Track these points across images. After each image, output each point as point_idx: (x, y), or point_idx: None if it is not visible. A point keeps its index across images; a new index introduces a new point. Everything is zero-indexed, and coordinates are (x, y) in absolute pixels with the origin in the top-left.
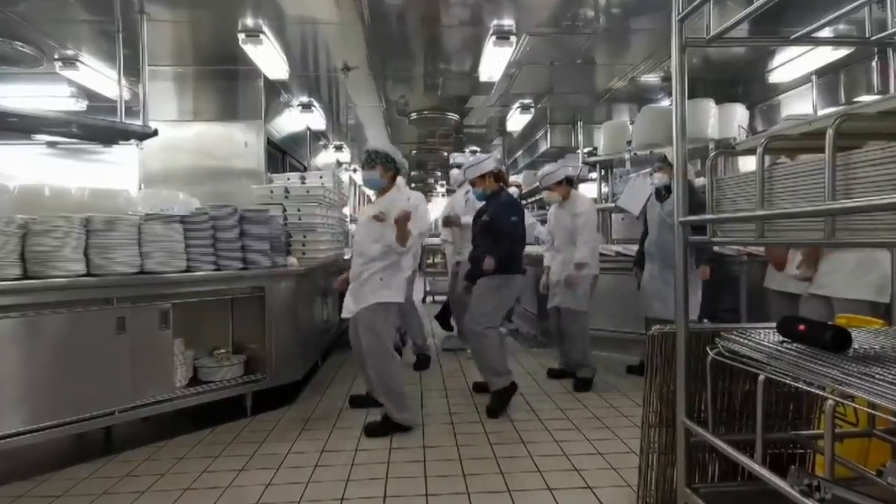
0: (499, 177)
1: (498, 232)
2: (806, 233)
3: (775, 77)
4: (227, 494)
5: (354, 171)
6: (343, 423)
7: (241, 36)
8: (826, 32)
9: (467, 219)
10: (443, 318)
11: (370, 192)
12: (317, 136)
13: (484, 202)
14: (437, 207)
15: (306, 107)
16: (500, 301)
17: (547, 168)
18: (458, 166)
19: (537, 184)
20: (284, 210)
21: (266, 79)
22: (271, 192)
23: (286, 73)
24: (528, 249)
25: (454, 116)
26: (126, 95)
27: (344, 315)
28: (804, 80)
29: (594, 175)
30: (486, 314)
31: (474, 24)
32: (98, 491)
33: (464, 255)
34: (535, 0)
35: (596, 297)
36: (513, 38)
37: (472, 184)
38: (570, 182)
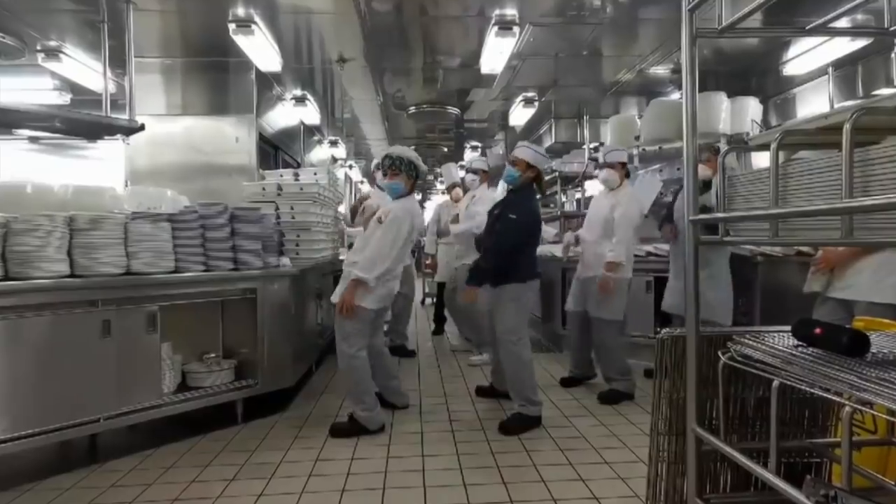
0: (538, 178)
1: (498, 231)
2: (822, 232)
3: (790, 69)
4: None
5: (350, 167)
6: None
7: (232, 26)
8: (843, 23)
9: (461, 228)
10: (438, 320)
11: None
12: (311, 130)
13: (508, 192)
14: (434, 206)
15: (300, 100)
16: (519, 309)
17: (607, 146)
18: (475, 171)
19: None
20: (277, 208)
21: (258, 71)
22: (263, 189)
23: (279, 65)
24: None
25: (454, 110)
26: (112, 88)
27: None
28: (820, 72)
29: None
30: (511, 329)
31: (475, 13)
32: (83, 502)
33: (465, 260)
34: None
35: None
36: (515, 29)
37: (514, 163)
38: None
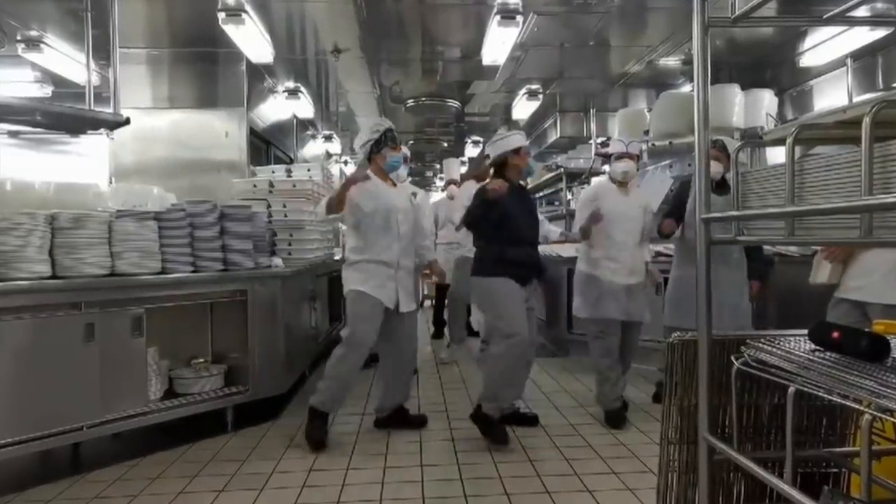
0: (505, 165)
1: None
2: (840, 231)
3: (806, 60)
4: None
5: (345, 163)
6: (332, 440)
7: (222, 15)
8: (862, 11)
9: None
10: (437, 323)
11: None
12: (304, 125)
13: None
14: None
15: (293, 93)
16: (497, 302)
17: (621, 137)
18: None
19: (548, 175)
20: (269, 206)
21: (249, 62)
22: (254, 186)
23: (271, 55)
24: (542, 249)
25: (455, 104)
26: (95, 80)
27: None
28: (838, 63)
29: (607, 167)
30: (494, 323)
31: (477, 1)
32: None
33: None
34: None
35: None
36: (519, 18)
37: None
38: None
